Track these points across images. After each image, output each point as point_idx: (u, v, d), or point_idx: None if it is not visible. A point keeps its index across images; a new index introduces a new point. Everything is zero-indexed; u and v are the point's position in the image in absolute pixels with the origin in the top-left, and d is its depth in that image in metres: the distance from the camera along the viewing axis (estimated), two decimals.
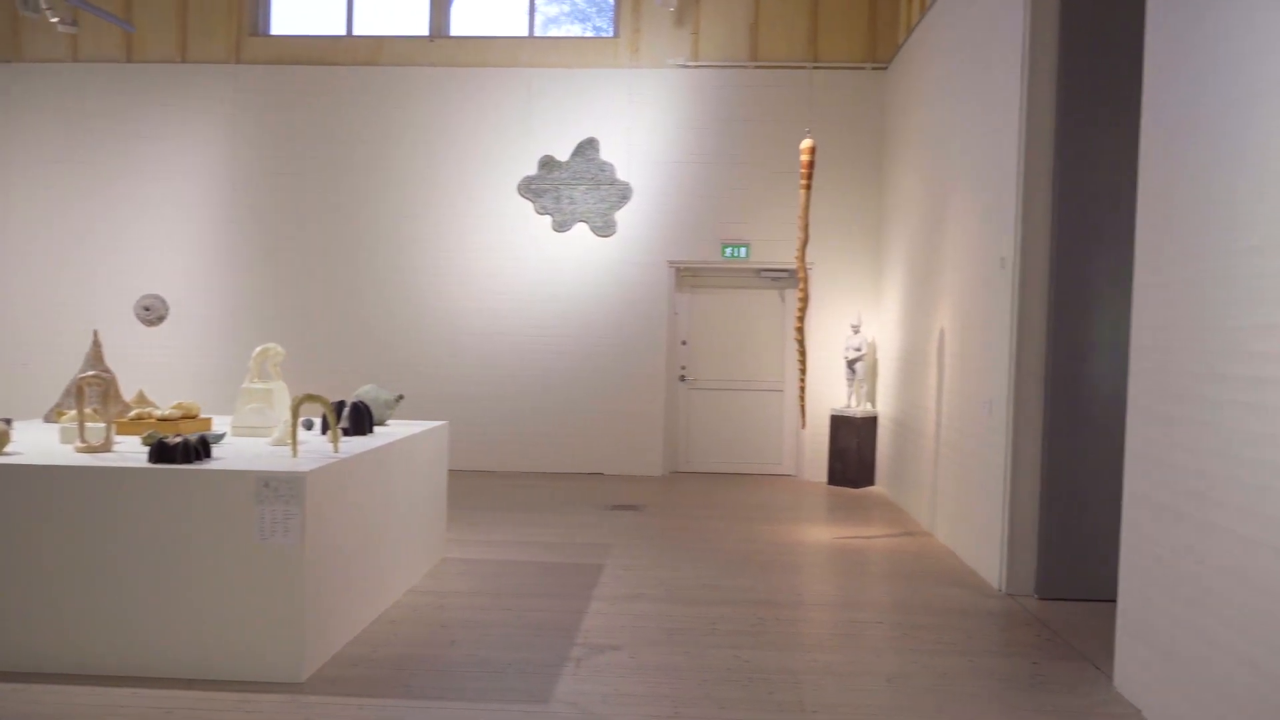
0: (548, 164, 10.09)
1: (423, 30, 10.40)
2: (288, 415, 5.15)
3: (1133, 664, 4.19)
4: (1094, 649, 4.80)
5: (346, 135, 10.27)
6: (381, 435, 5.53)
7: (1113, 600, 4.65)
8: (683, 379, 10.34)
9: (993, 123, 6.32)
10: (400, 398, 6.12)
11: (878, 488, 9.72)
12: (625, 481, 9.73)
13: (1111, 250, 5.60)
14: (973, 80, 6.85)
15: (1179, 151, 3.94)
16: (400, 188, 10.26)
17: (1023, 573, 5.85)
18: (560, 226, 10.10)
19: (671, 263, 10.14)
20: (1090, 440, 5.70)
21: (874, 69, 9.99)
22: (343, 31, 10.47)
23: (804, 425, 7.94)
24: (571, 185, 10.06)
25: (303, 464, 4.33)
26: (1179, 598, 3.80)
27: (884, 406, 9.65)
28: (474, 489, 8.99)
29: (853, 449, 9.70)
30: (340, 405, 5.44)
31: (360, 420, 5.50)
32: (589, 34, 10.59)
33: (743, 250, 10.04)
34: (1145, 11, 4.29)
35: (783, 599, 5.65)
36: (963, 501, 6.78)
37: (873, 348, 9.96)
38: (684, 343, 10.34)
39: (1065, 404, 5.74)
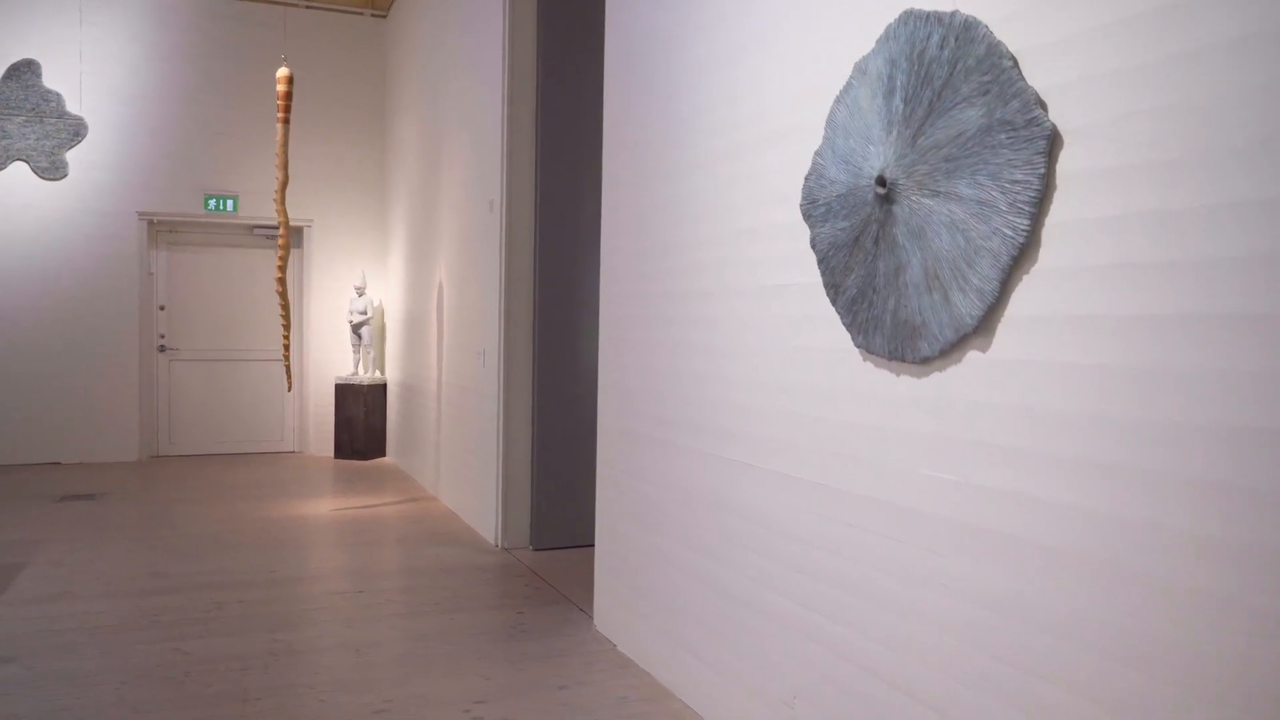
0: None
1: None
2: None
3: (608, 598, 4.10)
4: (579, 593, 4.70)
5: None
6: None
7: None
8: (162, 349, 9.00)
9: (480, 74, 6.05)
10: None
11: (389, 459, 9.21)
12: (89, 470, 8.23)
13: (594, 199, 5.59)
14: (462, 34, 6.55)
15: (639, 112, 3.88)
16: None
17: (518, 526, 5.68)
18: None
19: (143, 214, 8.74)
20: (578, 388, 5.66)
21: (374, 16, 9.41)
22: None
23: (290, 388, 7.13)
24: (4, 116, 8.24)
25: None
26: (641, 523, 3.74)
27: (392, 373, 9.16)
28: None
29: (360, 418, 9.09)
30: None
31: None
32: None
33: (230, 203, 8.94)
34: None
35: (252, 579, 4.92)
36: (463, 460, 6.49)
37: (380, 311, 9.42)
38: (162, 308, 8.99)
39: (554, 351, 5.65)
